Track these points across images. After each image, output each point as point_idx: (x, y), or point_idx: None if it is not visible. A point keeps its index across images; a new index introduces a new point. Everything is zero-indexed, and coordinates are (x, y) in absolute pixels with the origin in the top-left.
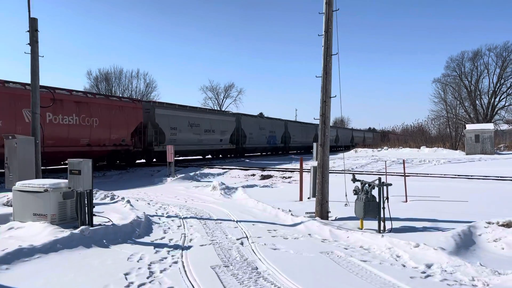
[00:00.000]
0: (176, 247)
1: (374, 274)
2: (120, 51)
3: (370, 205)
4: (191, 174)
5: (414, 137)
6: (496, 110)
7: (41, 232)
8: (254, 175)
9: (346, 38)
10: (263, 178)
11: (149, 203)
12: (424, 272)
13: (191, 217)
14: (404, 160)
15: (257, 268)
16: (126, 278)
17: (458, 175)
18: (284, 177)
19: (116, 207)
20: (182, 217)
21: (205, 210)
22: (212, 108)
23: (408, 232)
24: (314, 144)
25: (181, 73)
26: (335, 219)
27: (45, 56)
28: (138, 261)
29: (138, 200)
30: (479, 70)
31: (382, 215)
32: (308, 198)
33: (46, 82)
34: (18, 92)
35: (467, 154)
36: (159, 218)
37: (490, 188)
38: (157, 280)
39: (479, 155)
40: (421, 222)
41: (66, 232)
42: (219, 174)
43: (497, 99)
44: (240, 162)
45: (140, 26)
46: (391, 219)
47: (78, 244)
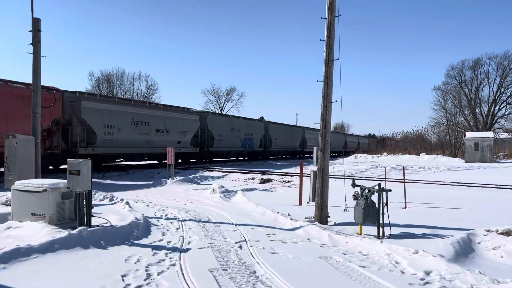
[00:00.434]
0: (174, 249)
1: (372, 280)
2: (122, 53)
3: (370, 210)
4: (191, 176)
5: (413, 144)
6: (496, 118)
7: (39, 232)
8: (253, 178)
9: (347, 44)
10: (263, 182)
11: (148, 205)
12: (423, 279)
13: (190, 219)
14: (404, 167)
15: (255, 272)
16: (123, 280)
17: (458, 183)
18: (283, 181)
19: (114, 209)
20: (181, 219)
21: (204, 213)
22: (169, 105)
23: (407, 238)
24: (315, 149)
25: (183, 76)
26: (334, 224)
27: (47, 56)
28: (135, 263)
29: (137, 202)
30: (480, 79)
31: (381, 221)
32: (308, 203)
33: (47, 83)
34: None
35: (466, 162)
36: (158, 220)
37: (489, 196)
38: (154, 282)
39: (478, 163)
40: (420, 228)
41: (64, 233)
42: (218, 177)
43: (497, 108)
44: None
45: (143, 28)
46: (390, 225)
47: (75, 245)
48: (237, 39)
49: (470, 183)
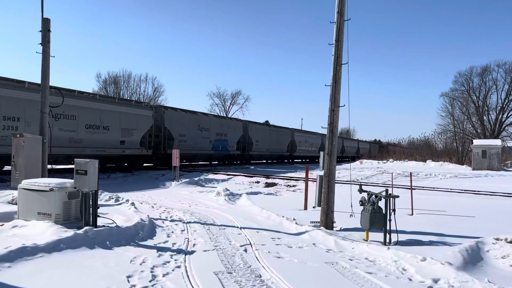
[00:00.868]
0: (179, 251)
1: (379, 286)
2: (130, 55)
3: (376, 216)
4: (196, 179)
5: (420, 150)
6: (503, 126)
7: (45, 231)
8: (258, 182)
9: (355, 48)
10: (268, 185)
11: (153, 207)
12: (431, 287)
13: (194, 222)
14: (411, 173)
15: (260, 276)
16: (128, 281)
17: (465, 190)
18: (288, 185)
19: (120, 209)
20: (185, 221)
21: (209, 215)
22: (111, 96)
23: (414, 245)
24: (321, 153)
25: (189, 78)
26: (340, 230)
27: (55, 56)
28: (141, 264)
29: (142, 203)
30: (488, 86)
31: (388, 227)
32: (313, 207)
33: (55, 83)
34: None
35: (473, 170)
36: (163, 222)
37: (498, 204)
38: (159, 284)
39: (485, 171)
40: (427, 236)
41: (69, 232)
42: (223, 180)
43: (505, 115)
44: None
45: (151, 31)
46: (397, 231)
47: (81, 245)
48: (244, 43)
49: (478, 191)
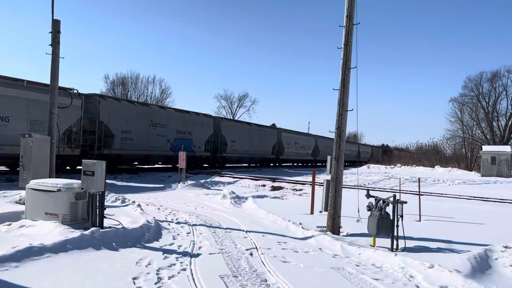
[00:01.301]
0: (185, 254)
1: None
2: (138, 56)
3: (384, 222)
4: (202, 181)
5: (428, 156)
6: None
7: (51, 231)
8: (264, 185)
9: (364, 52)
10: (274, 189)
11: (159, 208)
12: None
13: (200, 224)
14: (419, 179)
15: (266, 280)
16: (134, 283)
17: (474, 197)
18: (295, 189)
19: (126, 211)
20: (191, 224)
21: (214, 218)
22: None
23: (422, 252)
24: (328, 157)
25: (196, 81)
26: (347, 235)
27: (64, 58)
28: (146, 266)
29: (148, 205)
30: (498, 92)
31: (395, 233)
32: (320, 212)
33: (64, 84)
34: None
35: (482, 176)
36: (169, 224)
37: (507, 211)
38: (165, 286)
39: (494, 178)
40: (435, 242)
41: (76, 233)
42: (229, 183)
43: None
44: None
45: (159, 33)
46: (404, 237)
47: (87, 246)
48: (251, 47)
49: (487, 198)
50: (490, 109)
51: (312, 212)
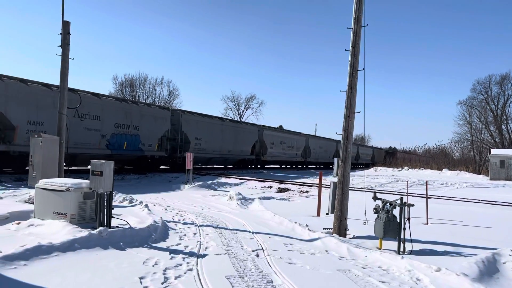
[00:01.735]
0: (191, 254)
1: None
2: (147, 58)
3: (391, 225)
4: (208, 182)
5: (436, 158)
6: None
7: (60, 230)
8: (271, 187)
9: (371, 54)
10: (280, 191)
11: (166, 209)
12: None
13: (207, 225)
14: (426, 182)
15: (272, 282)
16: (141, 282)
17: (482, 200)
18: (301, 191)
19: (134, 211)
20: (198, 224)
21: (221, 219)
22: None
23: (429, 255)
24: (335, 159)
25: (204, 83)
26: (353, 237)
27: (74, 59)
28: (153, 265)
29: (155, 205)
30: (507, 95)
31: (402, 236)
32: (326, 214)
33: (73, 84)
34: None
35: (491, 179)
36: (176, 224)
37: None
38: (171, 286)
39: (503, 181)
40: (442, 245)
41: (84, 232)
42: (236, 184)
43: None
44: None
45: (167, 34)
46: (411, 240)
47: (95, 245)
48: (259, 49)
49: (495, 202)
50: (499, 112)
51: (318, 214)
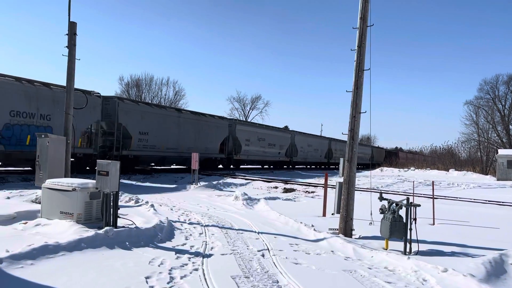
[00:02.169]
0: (197, 254)
1: None
2: (152, 58)
3: (397, 225)
4: (214, 182)
5: (442, 159)
6: None
7: (66, 230)
8: (276, 187)
9: (377, 54)
10: (286, 191)
11: (172, 209)
12: None
13: (212, 225)
14: (433, 182)
15: (278, 282)
16: (147, 282)
17: (489, 201)
18: (307, 191)
19: (140, 211)
20: (204, 224)
21: (226, 219)
22: None
23: (435, 255)
24: (341, 159)
25: (209, 82)
26: (359, 238)
27: (80, 59)
28: (159, 265)
29: (161, 205)
30: None
31: (408, 236)
32: (332, 214)
33: (79, 85)
34: None
35: (498, 180)
36: (181, 224)
37: None
38: (177, 286)
39: (511, 182)
40: (449, 246)
41: (90, 232)
42: (241, 185)
43: None
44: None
45: (173, 35)
46: (418, 241)
47: (101, 245)
48: (265, 48)
49: (503, 202)
50: (506, 112)
51: (324, 215)
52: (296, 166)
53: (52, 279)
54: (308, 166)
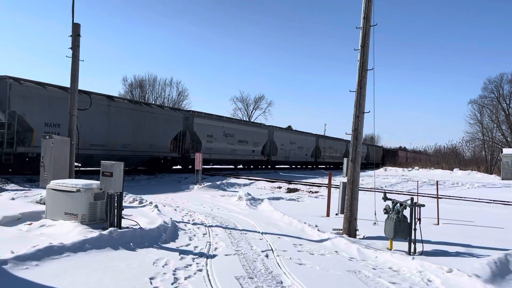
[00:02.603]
0: (201, 254)
1: None
2: (156, 59)
3: (401, 225)
4: (218, 183)
5: (446, 158)
6: None
7: (71, 231)
8: (280, 187)
9: (381, 53)
10: (290, 191)
11: (175, 209)
12: None
13: (216, 225)
14: (437, 181)
15: (282, 282)
16: (151, 283)
17: (494, 200)
18: (311, 191)
19: (144, 211)
20: (207, 225)
21: (230, 219)
22: None
23: (440, 256)
24: (345, 160)
25: (212, 82)
26: (363, 238)
27: (84, 61)
28: (163, 266)
29: (165, 206)
30: None
31: (413, 237)
32: (336, 215)
33: (83, 86)
34: None
35: (502, 179)
36: (185, 225)
37: None
38: (181, 286)
39: None
40: (454, 246)
41: (95, 233)
42: (245, 185)
43: None
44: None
45: (176, 36)
46: (422, 241)
47: (106, 245)
48: (268, 48)
49: (507, 202)
50: (511, 111)
51: (328, 215)
52: (276, 166)
53: (57, 280)
54: (292, 166)
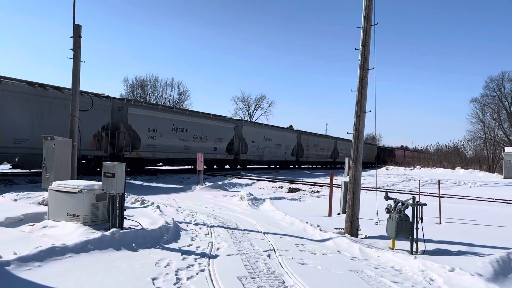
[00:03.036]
0: (203, 255)
1: None
2: (157, 59)
3: (403, 224)
4: (219, 183)
5: (448, 157)
6: None
7: (73, 232)
8: (282, 187)
9: (382, 52)
10: (291, 191)
11: (177, 210)
12: None
13: (218, 226)
14: (439, 180)
15: (284, 282)
16: (153, 283)
17: (496, 199)
18: (312, 191)
19: (145, 212)
20: (209, 225)
21: (232, 219)
22: None
23: (442, 255)
24: (346, 159)
25: (214, 83)
26: (365, 237)
27: (85, 62)
28: (165, 266)
29: (167, 206)
30: None
31: (415, 236)
32: (338, 214)
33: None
34: None
35: (505, 178)
36: (187, 225)
37: None
38: (184, 287)
39: None
40: (456, 245)
41: (97, 234)
42: (247, 185)
43: None
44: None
45: (177, 36)
46: (424, 240)
47: (108, 246)
48: (269, 48)
49: (509, 200)
50: None
51: (330, 214)
52: (247, 166)
53: (60, 281)
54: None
